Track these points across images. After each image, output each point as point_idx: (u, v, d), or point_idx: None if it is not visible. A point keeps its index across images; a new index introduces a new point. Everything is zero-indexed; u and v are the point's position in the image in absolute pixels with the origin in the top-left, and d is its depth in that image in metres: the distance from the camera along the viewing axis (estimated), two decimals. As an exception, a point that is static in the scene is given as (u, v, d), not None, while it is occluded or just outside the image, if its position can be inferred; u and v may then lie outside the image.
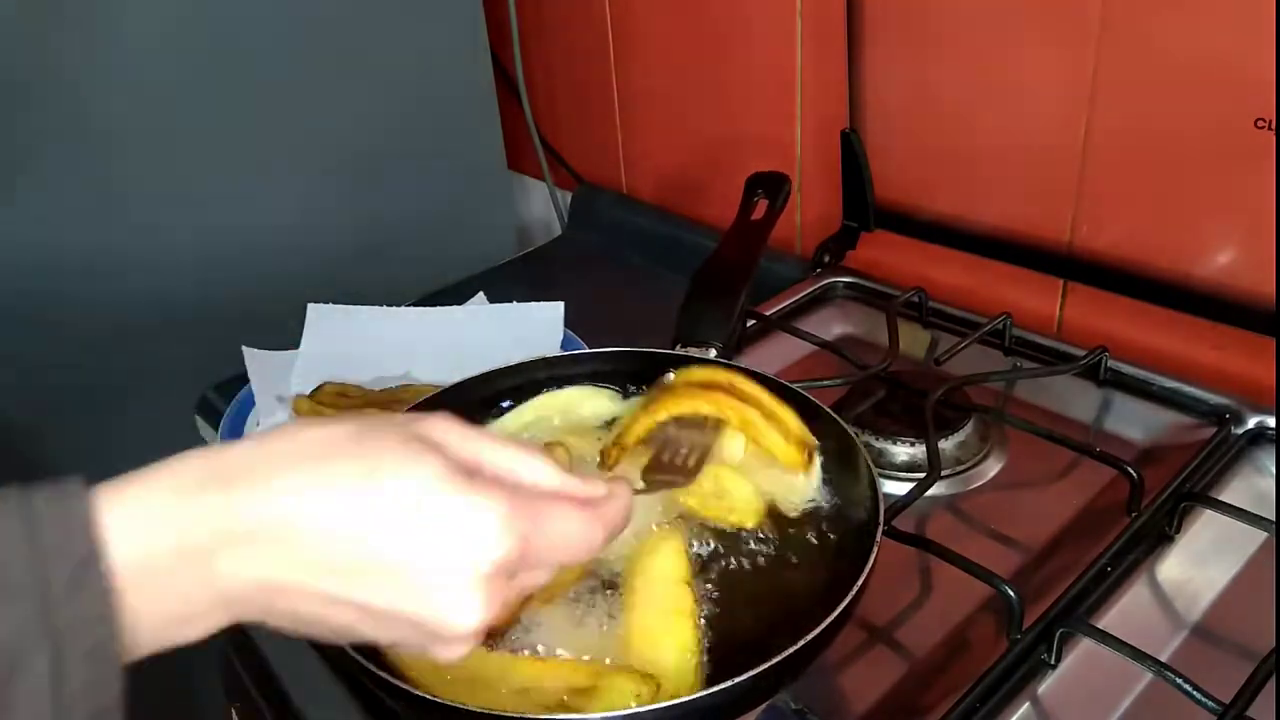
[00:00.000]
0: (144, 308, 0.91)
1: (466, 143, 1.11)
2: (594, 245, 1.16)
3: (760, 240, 0.75)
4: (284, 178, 0.97)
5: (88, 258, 0.87)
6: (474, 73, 1.09)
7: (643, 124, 1.14)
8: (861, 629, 0.58)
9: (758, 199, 0.78)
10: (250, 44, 0.91)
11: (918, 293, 0.85)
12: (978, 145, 0.83)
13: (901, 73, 0.85)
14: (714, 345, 0.67)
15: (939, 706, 0.51)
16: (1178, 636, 0.56)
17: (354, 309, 0.90)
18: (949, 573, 0.56)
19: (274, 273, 0.98)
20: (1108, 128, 0.74)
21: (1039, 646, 0.53)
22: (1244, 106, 0.66)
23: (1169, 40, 0.68)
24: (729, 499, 0.56)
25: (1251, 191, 0.67)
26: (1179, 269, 0.73)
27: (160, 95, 0.87)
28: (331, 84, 0.97)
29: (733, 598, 0.51)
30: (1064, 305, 0.83)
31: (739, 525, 0.55)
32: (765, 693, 0.48)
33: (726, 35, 0.99)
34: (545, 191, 1.28)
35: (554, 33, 1.19)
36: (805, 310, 0.89)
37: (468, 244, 1.13)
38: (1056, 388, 0.76)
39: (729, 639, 0.49)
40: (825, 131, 0.91)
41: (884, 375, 0.75)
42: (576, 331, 0.87)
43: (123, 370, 0.91)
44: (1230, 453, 0.66)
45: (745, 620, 0.50)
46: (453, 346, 0.84)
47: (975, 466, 0.70)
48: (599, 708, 0.44)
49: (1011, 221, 0.82)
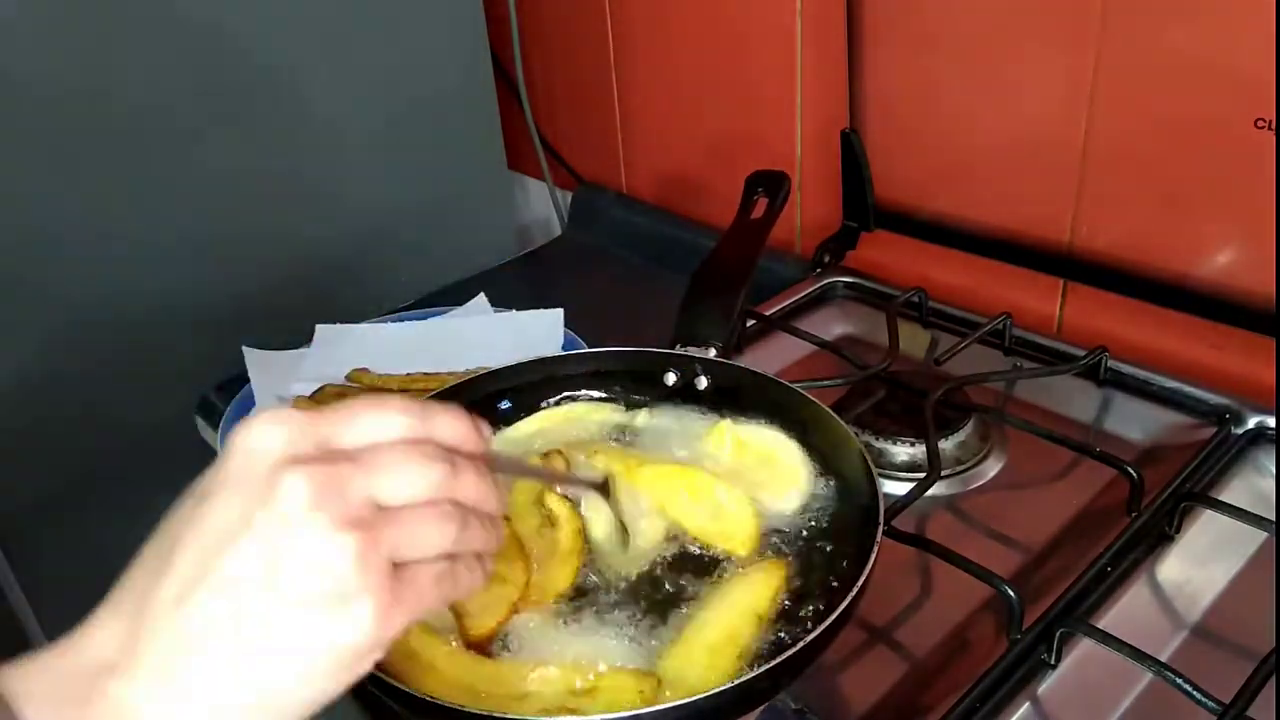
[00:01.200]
0: (144, 308, 0.91)
1: (466, 143, 1.11)
2: (594, 245, 1.16)
3: (760, 239, 0.75)
4: (284, 178, 0.97)
5: (87, 257, 0.87)
6: (474, 73, 1.09)
7: (643, 124, 1.14)
8: (861, 629, 0.58)
9: (757, 197, 0.78)
10: (250, 43, 0.91)
11: (918, 293, 0.85)
12: (978, 145, 0.83)
13: (901, 73, 0.85)
14: (714, 345, 0.67)
15: (939, 706, 0.51)
16: (1178, 636, 0.56)
17: (360, 327, 0.90)
18: (949, 573, 0.56)
19: (274, 273, 0.98)
20: (1108, 128, 0.74)
21: (1039, 646, 0.54)
22: (1244, 107, 0.66)
23: (1169, 40, 0.68)
24: (725, 522, 0.56)
25: (1251, 191, 0.67)
26: (1179, 269, 0.73)
27: (160, 94, 0.87)
28: (331, 83, 0.97)
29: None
30: (1064, 305, 0.83)
31: (730, 554, 0.54)
32: (765, 693, 0.48)
33: (727, 35, 0.99)
34: (545, 191, 1.28)
35: (554, 33, 1.19)
36: (805, 310, 0.89)
37: (468, 244, 1.13)
38: (1056, 388, 0.76)
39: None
40: (825, 131, 0.91)
41: (884, 375, 0.75)
42: (577, 331, 0.88)
43: (123, 370, 0.91)
44: (1230, 453, 0.66)
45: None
46: (454, 354, 0.84)
47: (975, 467, 0.70)
48: (600, 708, 0.44)
49: (1012, 221, 0.82)
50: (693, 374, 0.66)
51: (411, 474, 0.35)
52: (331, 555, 0.33)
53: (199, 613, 0.33)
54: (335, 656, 0.34)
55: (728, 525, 0.55)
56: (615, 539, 0.56)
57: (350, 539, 0.33)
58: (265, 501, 0.33)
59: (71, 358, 0.89)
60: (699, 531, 0.55)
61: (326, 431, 0.35)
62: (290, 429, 0.34)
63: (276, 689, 0.33)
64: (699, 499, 0.56)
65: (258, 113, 0.94)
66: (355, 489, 0.34)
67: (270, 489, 0.33)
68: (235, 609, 0.32)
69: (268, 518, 0.32)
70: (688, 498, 0.57)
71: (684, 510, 0.56)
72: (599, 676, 0.46)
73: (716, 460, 0.61)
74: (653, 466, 0.59)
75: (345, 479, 0.34)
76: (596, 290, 1.07)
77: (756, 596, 0.51)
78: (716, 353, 0.66)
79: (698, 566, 0.54)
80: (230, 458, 0.34)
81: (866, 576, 0.47)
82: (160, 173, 0.89)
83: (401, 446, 0.36)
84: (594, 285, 1.08)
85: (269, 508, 0.33)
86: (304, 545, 0.32)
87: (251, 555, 0.32)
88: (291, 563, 0.32)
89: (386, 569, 0.34)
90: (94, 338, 0.89)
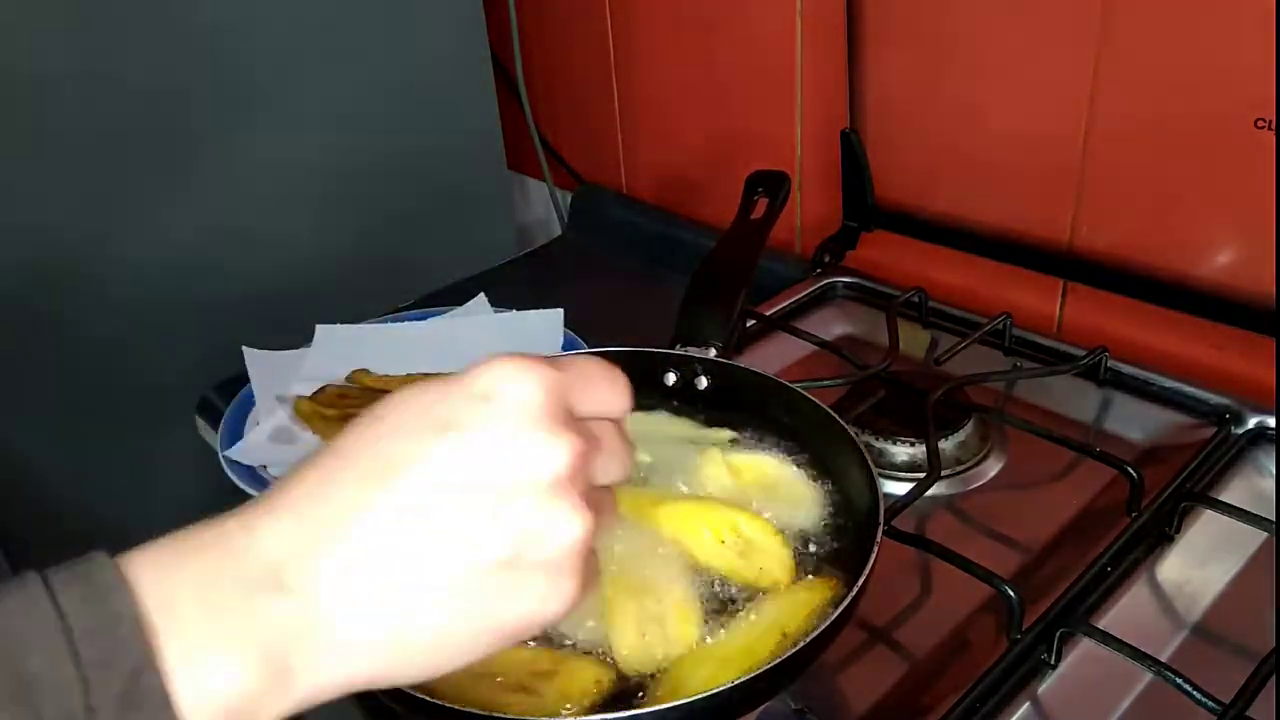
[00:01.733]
0: (144, 307, 0.91)
1: (466, 143, 1.11)
2: (594, 245, 1.16)
3: (760, 239, 0.75)
4: (284, 177, 0.97)
5: (87, 258, 0.87)
6: (474, 73, 1.09)
7: (643, 124, 1.14)
8: (861, 629, 0.58)
9: (757, 197, 0.78)
10: (250, 43, 0.91)
11: (918, 292, 0.85)
12: (978, 145, 0.83)
13: (901, 72, 0.85)
14: (714, 345, 0.67)
15: (939, 706, 0.51)
16: (1178, 636, 0.56)
17: (360, 327, 0.90)
18: (949, 573, 0.56)
19: (274, 272, 0.98)
20: (1108, 127, 0.74)
21: (1039, 646, 0.54)
22: (1243, 107, 0.66)
23: (1169, 40, 0.68)
24: (758, 557, 0.52)
25: (1251, 191, 0.67)
26: (1179, 269, 0.73)
27: (160, 94, 0.87)
28: (331, 84, 0.97)
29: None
30: (1064, 305, 0.83)
31: (776, 584, 0.51)
32: (764, 694, 0.48)
33: (727, 35, 0.99)
34: (545, 191, 1.28)
35: (554, 33, 1.19)
36: (805, 310, 0.89)
37: (468, 244, 1.13)
38: (1056, 388, 0.76)
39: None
40: (825, 131, 0.91)
41: (884, 375, 0.75)
42: (576, 332, 0.88)
43: (123, 370, 0.91)
44: (1230, 453, 0.67)
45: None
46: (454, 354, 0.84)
47: (975, 466, 0.70)
48: (557, 692, 0.44)
49: (1012, 221, 0.82)
50: (692, 374, 0.66)
51: (618, 462, 0.36)
52: (567, 534, 0.32)
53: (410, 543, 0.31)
54: (519, 625, 0.33)
55: (761, 558, 0.52)
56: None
57: (586, 521, 0.33)
58: (529, 461, 0.32)
59: (71, 357, 0.89)
60: (731, 572, 0.51)
61: (571, 395, 0.34)
62: (551, 383, 0.33)
63: (450, 640, 0.32)
64: (723, 535, 0.53)
65: (257, 112, 0.94)
66: (596, 469, 0.35)
67: (531, 448, 0.32)
68: (449, 554, 0.31)
69: (527, 478, 0.32)
70: (711, 536, 0.53)
71: (711, 551, 0.52)
72: (557, 660, 0.46)
73: (719, 484, 0.58)
74: (669, 506, 0.54)
75: (591, 459, 0.34)
76: (596, 290, 1.07)
77: (791, 615, 0.49)
78: (716, 353, 0.66)
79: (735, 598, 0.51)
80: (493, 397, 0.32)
81: (866, 578, 0.47)
82: (160, 172, 0.89)
83: (617, 430, 0.36)
84: (594, 285, 1.08)
85: (532, 468, 0.32)
86: (545, 517, 0.32)
87: (487, 506, 0.31)
88: (527, 528, 0.32)
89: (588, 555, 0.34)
90: (93, 338, 0.89)
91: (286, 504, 0.31)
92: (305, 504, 0.31)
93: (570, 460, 0.32)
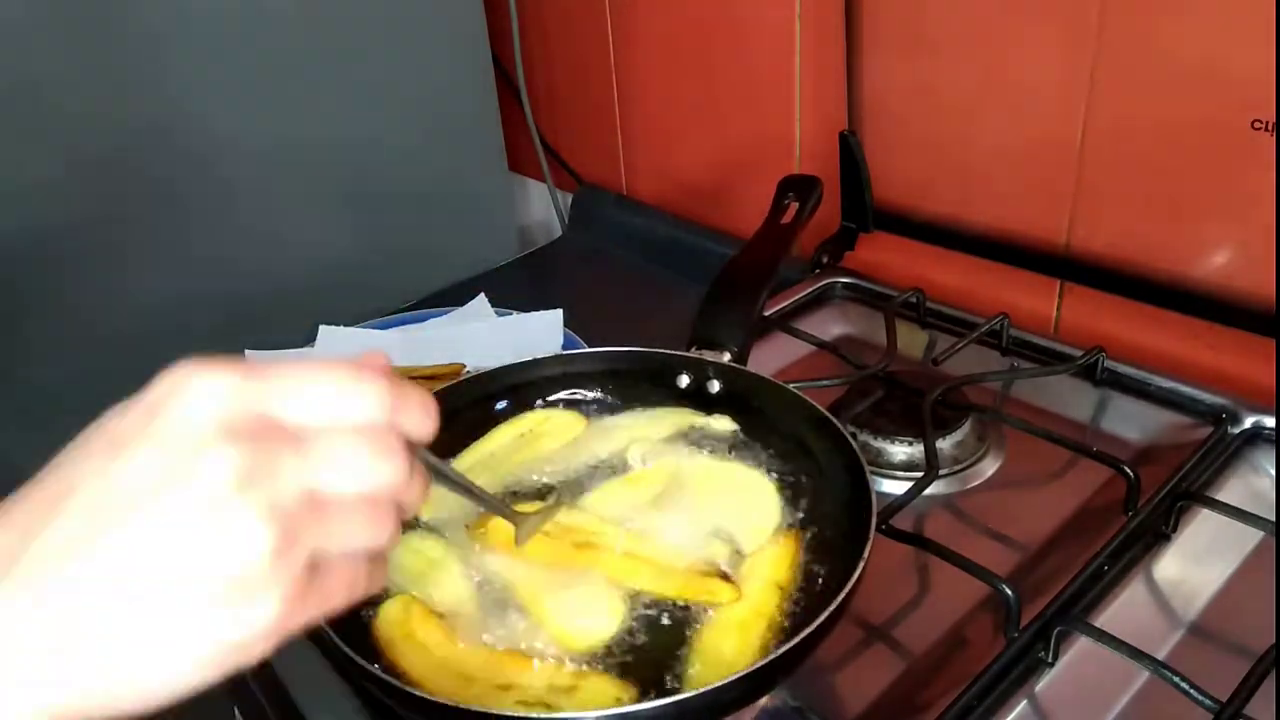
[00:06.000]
0: (144, 308, 0.91)
1: (466, 143, 1.11)
2: (594, 246, 1.17)
3: (785, 245, 0.74)
4: (284, 178, 0.97)
5: (87, 258, 0.87)
6: (474, 73, 1.09)
7: (643, 125, 1.14)
8: (859, 628, 0.58)
9: (788, 202, 0.78)
10: (249, 44, 0.91)
11: (916, 293, 0.85)
12: (975, 146, 0.83)
13: (900, 74, 0.85)
14: (729, 349, 0.67)
15: (937, 705, 0.51)
16: (1175, 635, 0.57)
17: (362, 327, 0.90)
18: (947, 571, 0.56)
19: (274, 273, 0.98)
20: (1105, 128, 0.74)
21: (1036, 645, 0.54)
22: (1241, 108, 0.66)
23: (1166, 41, 0.68)
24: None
25: (1248, 192, 0.68)
26: (1176, 269, 0.74)
27: (159, 94, 0.87)
28: (331, 84, 0.98)
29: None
30: (1061, 305, 0.83)
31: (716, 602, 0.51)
32: (759, 691, 0.48)
33: (726, 36, 0.99)
34: (545, 192, 1.28)
35: (554, 33, 1.19)
36: (804, 310, 0.90)
37: (468, 245, 1.13)
38: (1053, 387, 0.76)
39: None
40: (824, 132, 0.91)
41: (882, 375, 0.75)
42: (577, 332, 0.88)
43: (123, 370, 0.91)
44: (1227, 452, 0.67)
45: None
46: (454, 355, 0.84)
47: (973, 466, 0.70)
48: (577, 708, 0.45)
49: (1009, 222, 0.82)
50: (705, 377, 0.66)
51: (362, 469, 0.32)
52: (246, 546, 0.29)
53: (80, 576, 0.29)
54: (216, 651, 0.30)
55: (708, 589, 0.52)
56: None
57: (271, 532, 0.29)
58: (186, 475, 0.29)
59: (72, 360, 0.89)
60: (678, 593, 0.52)
61: (270, 399, 0.31)
62: (229, 390, 0.31)
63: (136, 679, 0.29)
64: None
65: (259, 113, 0.94)
66: (289, 475, 0.31)
67: (195, 460, 0.29)
68: (121, 586, 0.29)
69: (185, 493, 0.29)
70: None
71: (654, 580, 0.53)
72: (579, 675, 0.47)
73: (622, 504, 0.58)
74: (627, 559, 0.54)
75: (280, 462, 0.30)
76: (596, 292, 1.07)
77: (774, 570, 0.52)
78: (731, 358, 0.66)
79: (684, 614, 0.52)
80: (158, 410, 0.31)
81: (859, 574, 0.47)
82: (159, 173, 0.89)
83: (357, 435, 0.32)
84: (594, 286, 1.09)
85: (188, 482, 0.29)
86: (218, 530, 0.29)
87: (156, 531, 0.29)
88: (199, 546, 0.29)
89: (301, 567, 0.31)
90: (94, 339, 0.90)
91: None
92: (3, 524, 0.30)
93: (236, 470, 0.29)
